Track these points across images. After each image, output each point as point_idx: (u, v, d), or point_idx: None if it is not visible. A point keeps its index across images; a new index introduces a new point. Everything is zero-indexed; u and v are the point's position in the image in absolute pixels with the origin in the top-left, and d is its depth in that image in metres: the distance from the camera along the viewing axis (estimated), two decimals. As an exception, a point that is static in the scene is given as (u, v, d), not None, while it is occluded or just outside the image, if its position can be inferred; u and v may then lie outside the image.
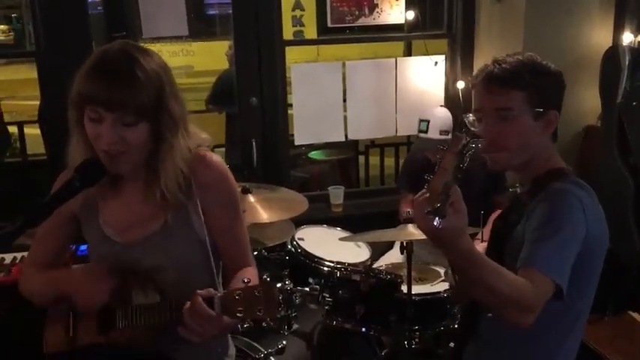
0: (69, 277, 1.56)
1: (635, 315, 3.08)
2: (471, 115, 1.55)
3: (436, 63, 3.76)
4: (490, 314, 1.55)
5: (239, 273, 1.55)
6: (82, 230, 1.62)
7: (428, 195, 1.21)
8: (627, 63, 3.20)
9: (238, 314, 1.29)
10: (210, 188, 1.54)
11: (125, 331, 1.48)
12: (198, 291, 1.34)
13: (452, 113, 3.29)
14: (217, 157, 1.57)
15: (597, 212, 1.49)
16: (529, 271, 1.34)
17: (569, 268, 1.38)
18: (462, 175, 1.24)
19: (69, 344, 1.54)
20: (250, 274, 1.54)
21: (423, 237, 2.64)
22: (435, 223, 1.15)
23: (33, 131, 4.61)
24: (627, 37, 3.31)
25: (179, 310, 1.36)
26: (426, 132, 3.11)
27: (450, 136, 2.99)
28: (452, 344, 2.43)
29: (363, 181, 5.50)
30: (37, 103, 3.93)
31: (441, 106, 3.47)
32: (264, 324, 1.30)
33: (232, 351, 1.73)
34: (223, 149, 4.98)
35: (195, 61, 7.74)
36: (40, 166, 4.20)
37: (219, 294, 1.33)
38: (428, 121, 3.09)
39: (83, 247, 2.69)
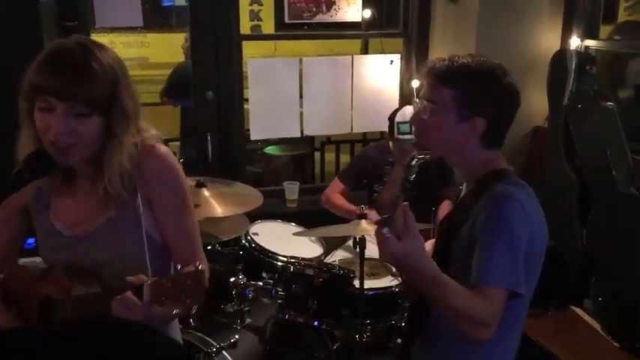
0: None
1: (577, 310, 3.20)
2: (417, 100, 1.60)
3: (392, 62, 3.81)
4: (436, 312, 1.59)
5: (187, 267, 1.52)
6: (32, 222, 1.59)
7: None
8: (574, 66, 3.32)
9: (165, 302, 1.27)
10: (156, 180, 1.51)
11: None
12: (128, 278, 1.33)
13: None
14: (165, 148, 1.55)
15: (537, 211, 1.54)
16: (482, 289, 1.39)
17: (521, 270, 1.43)
18: (410, 185, 1.29)
19: None
20: None
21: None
22: (384, 232, 1.18)
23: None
24: (574, 42, 3.43)
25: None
26: (409, 133, 2.92)
27: None
28: (399, 340, 2.48)
29: (318, 177, 5.53)
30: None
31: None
32: (192, 313, 1.27)
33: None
34: (178, 143, 4.93)
35: (149, 53, 7.60)
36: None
37: (149, 281, 1.31)
38: (409, 123, 3.00)
39: (30, 240, 2.63)
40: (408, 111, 3.10)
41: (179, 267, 1.33)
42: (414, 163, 1.35)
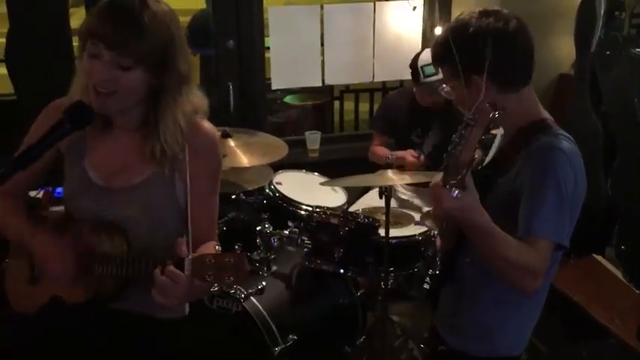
0: (35, 239, 1.54)
1: (598, 258, 3.22)
2: (445, 85, 1.57)
3: (414, 8, 3.73)
4: (468, 259, 1.61)
5: (205, 245, 1.56)
6: (64, 168, 1.60)
7: (449, 168, 1.25)
8: (602, 12, 3.23)
9: (207, 278, 1.32)
10: (201, 156, 1.55)
11: (91, 280, 1.50)
12: (177, 249, 1.36)
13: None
14: (211, 126, 1.59)
15: (581, 164, 1.53)
16: (530, 240, 1.42)
17: (567, 222, 1.46)
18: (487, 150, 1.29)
19: (32, 297, 1.58)
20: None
21: (401, 182, 2.65)
22: (454, 195, 1.21)
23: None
24: (604, -14, 3.32)
25: (149, 266, 1.38)
26: (436, 74, 2.92)
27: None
28: (426, 285, 2.53)
29: (337, 126, 5.51)
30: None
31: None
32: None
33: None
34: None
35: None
36: (8, 105, 4.09)
37: (190, 256, 1.35)
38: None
39: (60, 189, 2.67)
40: (421, 54, 3.09)
41: (218, 248, 1.38)
42: (492, 124, 1.33)
